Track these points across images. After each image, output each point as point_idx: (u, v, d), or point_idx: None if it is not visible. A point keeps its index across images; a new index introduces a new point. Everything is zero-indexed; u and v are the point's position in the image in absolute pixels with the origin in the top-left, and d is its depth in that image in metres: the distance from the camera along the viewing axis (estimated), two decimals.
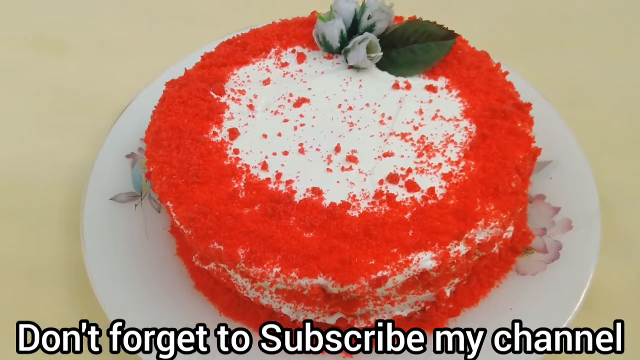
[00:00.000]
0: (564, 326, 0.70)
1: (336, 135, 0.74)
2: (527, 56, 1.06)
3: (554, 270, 0.75)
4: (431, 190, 0.68)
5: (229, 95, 0.78)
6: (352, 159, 0.71)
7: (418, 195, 0.68)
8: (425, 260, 0.64)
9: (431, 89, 0.78)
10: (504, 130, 0.73)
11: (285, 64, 0.81)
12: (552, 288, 0.74)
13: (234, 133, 0.74)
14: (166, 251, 0.80)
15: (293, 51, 0.83)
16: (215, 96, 0.77)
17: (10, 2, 1.16)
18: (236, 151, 0.72)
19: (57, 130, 0.98)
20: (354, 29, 0.81)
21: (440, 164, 0.71)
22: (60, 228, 0.86)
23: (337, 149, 0.72)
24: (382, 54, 0.79)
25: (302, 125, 0.75)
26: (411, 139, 0.73)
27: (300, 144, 0.73)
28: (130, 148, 0.87)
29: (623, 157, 0.94)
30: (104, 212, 0.81)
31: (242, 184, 0.69)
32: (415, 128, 0.74)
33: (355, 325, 0.71)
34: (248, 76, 0.80)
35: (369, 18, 0.79)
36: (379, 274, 0.63)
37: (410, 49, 0.80)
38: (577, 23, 1.13)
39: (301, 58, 0.82)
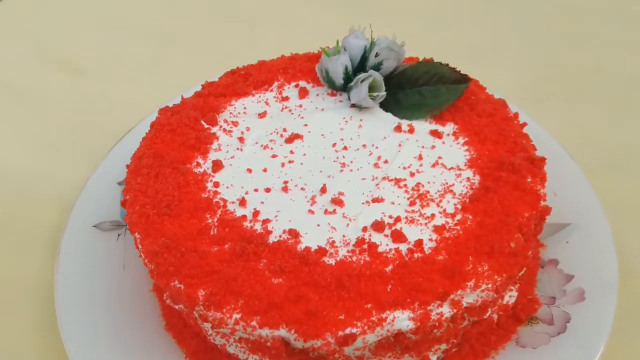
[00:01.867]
0: None
1: (325, 175, 0.68)
2: (558, 110, 0.98)
3: (558, 345, 0.67)
4: (419, 242, 0.62)
5: (220, 126, 0.74)
6: (337, 201, 0.66)
7: (403, 247, 0.62)
8: (402, 320, 0.57)
9: (436, 134, 0.72)
10: (510, 184, 0.66)
11: (286, 98, 0.77)
12: None
13: (217, 165, 0.69)
14: (142, 286, 0.75)
15: (296, 86, 0.78)
16: (206, 126, 0.73)
17: (23, 20, 1.17)
18: (216, 184, 0.68)
19: (55, 150, 0.96)
20: (361, 66, 0.76)
21: (433, 215, 0.64)
22: (41, 249, 0.83)
23: (323, 190, 0.67)
24: (385, 93, 0.74)
25: (290, 162, 0.70)
26: (405, 185, 0.67)
27: (285, 182, 0.68)
28: (123, 175, 0.84)
29: None
30: (85, 238, 0.78)
31: (215, 220, 0.64)
32: (412, 174, 0.68)
33: None
34: (245, 108, 0.76)
35: (376, 56, 0.74)
36: (347, 330, 0.56)
37: (418, 91, 0.74)
38: (616, 81, 1.05)
39: (303, 93, 0.77)
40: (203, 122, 0.74)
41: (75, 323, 0.70)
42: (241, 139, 0.72)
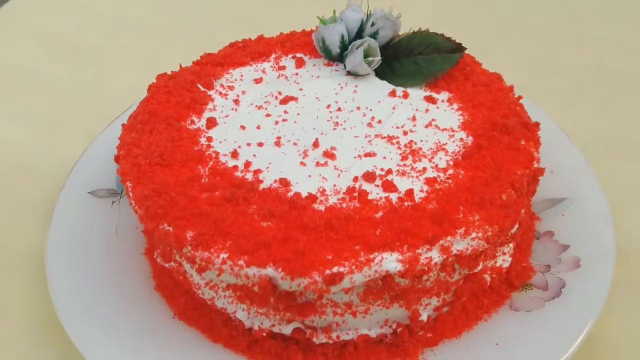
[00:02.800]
0: None
1: (318, 132, 0.68)
2: (558, 103, 0.98)
3: (552, 309, 0.66)
4: (409, 192, 0.62)
5: (217, 90, 0.75)
6: (329, 155, 0.66)
7: (394, 196, 0.62)
8: (390, 261, 0.57)
9: (430, 100, 0.73)
10: (503, 144, 0.66)
11: (282, 67, 0.78)
12: (548, 327, 0.64)
13: (211, 122, 0.70)
14: (134, 250, 0.75)
15: (294, 57, 0.79)
16: (202, 89, 0.74)
17: (34, 14, 1.19)
18: (209, 139, 0.68)
19: (58, 128, 0.97)
20: (358, 38, 0.77)
21: (425, 169, 0.64)
22: (38, 215, 0.83)
23: (315, 145, 0.67)
24: (380, 58, 0.74)
25: (284, 120, 0.70)
26: (398, 142, 0.67)
27: (278, 137, 0.68)
28: None
29: None
30: (79, 204, 0.78)
31: (207, 170, 0.64)
32: (405, 133, 0.68)
33: (315, 339, 0.63)
34: (242, 75, 0.77)
35: (372, 25, 0.75)
36: (335, 269, 0.56)
37: (413, 60, 0.75)
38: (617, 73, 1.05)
39: (300, 63, 0.78)
40: (199, 86, 0.74)
41: (65, 284, 0.69)
42: (236, 101, 0.73)
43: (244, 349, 0.65)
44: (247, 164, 0.65)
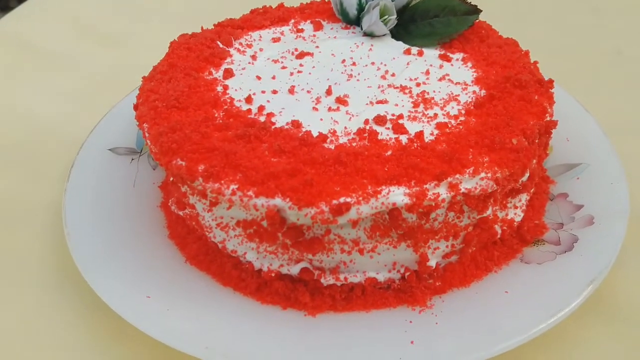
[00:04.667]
0: (559, 316, 0.59)
1: (331, 82, 0.70)
2: (579, 85, 0.98)
3: (563, 261, 0.65)
4: (419, 134, 0.62)
5: (235, 48, 0.76)
6: (341, 101, 0.67)
7: (404, 138, 0.62)
8: (397, 194, 0.57)
9: (445, 58, 0.74)
10: (516, 96, 0.67)
11: (301, 30, 0.79)
12: (558, 278, 0.64)
13: (228, 73, 0.71)
14: (149, 202, 0.76)
15: (312, 21, 0.81)
16: (221, 46, 0.76)
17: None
18: (225, 87, 0.70)
19: (82, 99, 0.99)
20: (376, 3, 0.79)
21: (436, 115, 0.65)
22: (56, 172, 0.85)
23: (329, 92, 0.68)
24: (396, 17, 0.76)
25: (299, 72, 0.71)
26: (410, 92, 0.68)
27: (292, 86, 0.69)
28: None
29: None
30: (98, 159, 0.79)
31: (221, 113, 0.66)
32: (418, 85, 0.69)
33: (322, 280, 0.63)
34: (260, 36, 0.79)
35: None
36: (342, 199, 0.56)
37: (429, 22, 0.76)
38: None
39: (318, 26, 0.80)
40: (219, 43, 0.76)
41: (82, 233, 0.70)
42: (253, 57, 0.75)
43: (253, 292, 0.65)
44: (261, 108, 0.66)
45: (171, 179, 0.68)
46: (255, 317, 0.63)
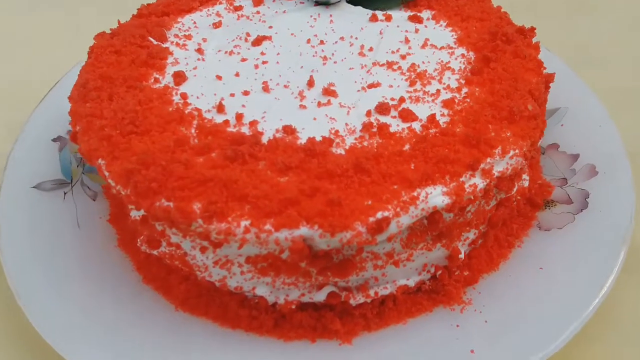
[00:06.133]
0: (608, 285, 0.56)
1: (307, 70, 0.60)
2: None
3: (583, 222, 0.62)
4: (431, 118, 0.55)
5: (172, 42, 0.64)
6: (329, 92, 0.57)
7: (416, 125, 0.54)
8: (435, 195, 0.50)
9: (416, 19, 0.66)
10: (509, 53, 0.61)
11: (239, 8, 0.68)
12: (586, 241, 0.60)
13: (180, 77, 0.59)
14: (104, 243, 0.64)
15: None
16: (155, 42, 0.63)
17: None
18: (184, 96, 0.58)
19: None
20: None
21: (438, 91, 0.57)
22: None
23: (310, 84, 0.58)
24: None
25: (264, 62, 0.61)
26: (399, 67, 0.60)
27: (264, 82, 0.59)
28: (56, 131, 0.72)
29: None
30: (23, 203, 0.65)
31: (193, 130, 0.54)
32: (403, 57, 0.61)
33: (351, 301, 0.55)
34: (194, 22, 0.67)
35: None
36: (379, 215, 0.48)
37: None
38: None
39: (258, 1, 0.68)
40: (151, 39, 0.63)
41: (36, 296, 0.58)
42: (199, 51, 0.63)
43: (270, 329, 0.56)
44: (239, 117, 0.55)
45: (134, 215, 0.57)
46: (281, 357, 0.55)
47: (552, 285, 0.57)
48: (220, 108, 0.56)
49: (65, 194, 0.67)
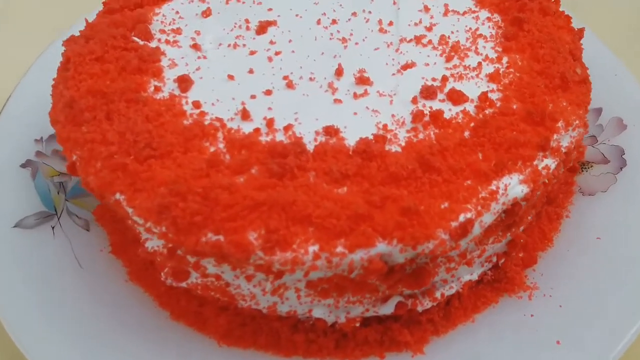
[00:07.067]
0: None
1: (329, 56, 0.53)
2: None
3: (627, 179, 0.59)
4: (483, 96, 0.49)
5: (159, 39, 0.55)
6: (363, 80, 0.51)
7: (470, 107, 0.49)
8: (514, 186, 0.45)
9: None
10: (536, 11, 0.56)
11: None
12: (637, 202, 0.57)
13: (185, 82, 0.51)
14: (113, 279, 0.55)
15: None
16: (140, 42, 0.54)
17: None
18: (197, 104, 0.50)
19: None
20: None
21: (479, 64, 0.52)
22: None
23: (339, 73, 0.51)
24: None
25: (277, 53, 0.53)
26: (430, 41, 0.54)
27: (285, 77, 0.51)
28: (23, 154, 0.62)
29: None
30: (8, 247, 0.56)
31: (220, 145, 0.47)
32: (429, 28, 0.55)
33: (419, 307, 0.50)
34: (177, 12, 0.58)
35: None
36: (461, 218, 0.43)
37: None
38: None
39: None
40: (136, 39, 0.54)
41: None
42: (195, 47, 0.54)
43: (332, 351, 0.51)
44: (270, 122, 0.48)
45: (152, 246, 0.49)
46: None
47: (616, 257, 0.54)
48: (244, 114, 0.48)
49: (53, 228, 0.58)
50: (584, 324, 0.50)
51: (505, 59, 0.52)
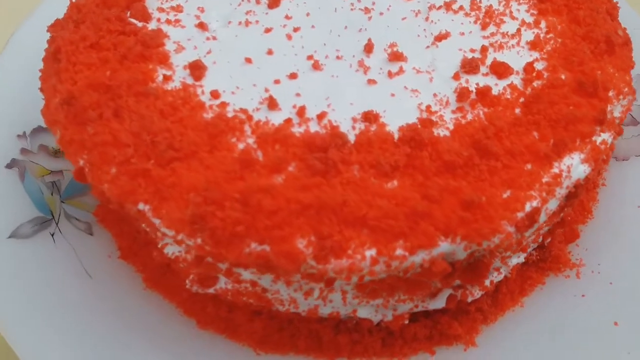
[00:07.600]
0: None
1: (354, 30, 0.48)
2: None
3: None
4: (529, 67, 0.45)
5: (158, 19, 0.49)
6: (396, 55, 0.46)
7: (516, 80, 0.45)
8: (576, 166, 0.41)
9: None
10: None
11: None
12: None
13: (197, 68, 0.45)
14: (129, 287, 0.51)
15: None
16: (139, 24, 0.48)
17: None
18: (215, 94, 0.44)
19: None
20: None
21: (518, 30, 0.48)
22: None
23: (368, 49, 0.47)
24: None
25: (295, 30, 0.48)
26: (461, 7, 0.49)
27: (310, 57, 0.46)
28: (6, 153, 0.56)
29: None
30: (6, 260, 0.50)
31: (250, 140, 0.42)
32: None
33: (469, 298, 0.47)
34: None
35: None
36: (527, 207, 0.39)
37: None
38: None
39: None
40: (133, 20, 0.48)
41: None
42: (201, 25, 0.49)
43: (379, 350, 0.47)
44: (301, 111, 0.43)
45: (172, 251, 0.44)
46: None
47: None
48: (271, 103, 0.43)
49: (52, 235, 0.52)
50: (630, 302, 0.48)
51: (543, 23, 0.48)
